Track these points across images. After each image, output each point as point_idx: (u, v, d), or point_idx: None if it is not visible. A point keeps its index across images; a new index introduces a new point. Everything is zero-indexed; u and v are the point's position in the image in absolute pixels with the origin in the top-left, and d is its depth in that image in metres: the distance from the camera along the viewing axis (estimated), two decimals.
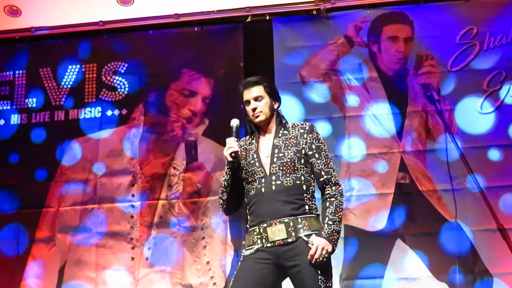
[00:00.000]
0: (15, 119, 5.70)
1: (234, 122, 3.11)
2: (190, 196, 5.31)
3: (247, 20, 5.60)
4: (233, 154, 2.99)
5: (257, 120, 3.11)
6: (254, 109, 3.09)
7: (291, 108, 5.22)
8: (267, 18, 5.58)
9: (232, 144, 3.01)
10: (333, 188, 2.99)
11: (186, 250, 5.21)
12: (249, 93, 3.11)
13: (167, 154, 5.44)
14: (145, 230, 5.28)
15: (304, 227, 2.92)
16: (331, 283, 2.92)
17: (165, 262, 5.21)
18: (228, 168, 3.07)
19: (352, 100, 5.30)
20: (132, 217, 5.33)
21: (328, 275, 2.91)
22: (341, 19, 5.46)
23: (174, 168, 5.39)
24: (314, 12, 5.52)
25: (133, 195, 5.38)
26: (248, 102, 3.12)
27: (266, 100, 3.11)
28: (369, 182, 5.12)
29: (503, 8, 5.27)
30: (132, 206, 5.36)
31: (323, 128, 5.15)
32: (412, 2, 5.42)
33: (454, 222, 4.94)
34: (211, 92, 5.51)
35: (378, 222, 5.03)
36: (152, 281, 5.18)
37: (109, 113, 5.60)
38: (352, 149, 5.19)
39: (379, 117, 5.23)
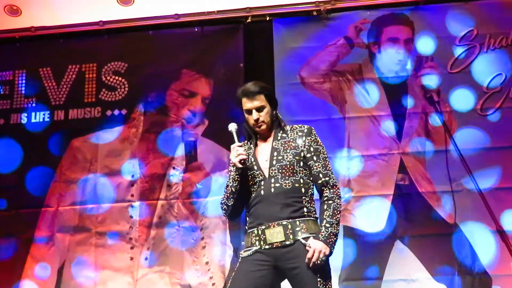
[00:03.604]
0: (14, 118, 5.69)
1: (232, 127, 3.09)
2: (189, 196, 5.31)
3: (247, 21, 5.60)
4: (242, 161, 2.99)
5: (259, 129, 3.10)
6: (256, 120, 3.07)
7: (290, 109, 5.22)
8: (267, 18, 5.58)
9: (239, 150, 3.00)
10: (331, 190, 2.99)
11: (185, 251, 5.20)
12: (251, 103, 3.07)
13: (167, 154, 5.44)
14: (144, 230, 5.28)
15: (302, 230, 2.92)
16: (330, 285, 2.92)
17: (164, 262, 5.20)
18: (236, 175, 3.04)
19: (352, 101, 5.30)
20: (131, 217, 5.33)
21: (327, 277, 2.91)
22: (341, 20, 5.46)
23: (174, 168, 5.39)
24: (314, 13, 5.52)
25: (132, 195, 5.38)
26: (250, 111, 3.09)
27: (267, 109, 3.09)
28: (369, 183, 5.12)
29: (503, 10, 5.27)
30: (132, 206, 5.36)
31: (322, 129, 5.14)
32: (412, 3, 5.42)
33: (453, 224, 4.95)
34: (211, 92, 5.50)
35: (377, 223, 5.03)
36: (151, 281, 5.18)
37: (108, 113, 5.60)
38: (352, 150, 5.19)
39: (379, 119, 5.23)
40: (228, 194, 3.09)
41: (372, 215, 5.05)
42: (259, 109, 3.08)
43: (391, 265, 4.93)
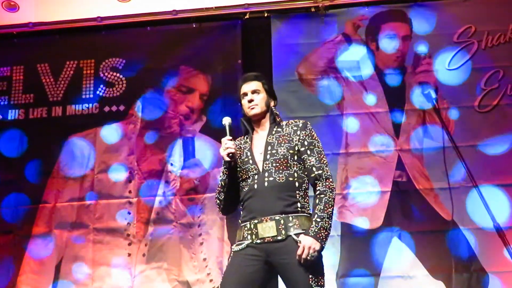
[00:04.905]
0: (12, 114, 5.69)
1: (226, 121, 3.12)
2: (187, 192, 5.31)
3: (246, 17, 5.60)
4: (230, 154, 3.00)
5: (251, 112, 3.12)
6: (250, 101, 3.12)
7: (288, 106, 5.22)
8: (266, 15, 5.58)
9: (228, 144, 3.02)
10: (324, 183, 2.98)
11: (183, 247, 5.21)
12: (248, 86, 3.15)
13: (164, 151, 5.44)
14: (142, 227, 5.28)
15: (295, 226, 2.91)
16: (323, 281, 2.90)
17: (162, 258, 5.20)
18: (225, 168, 3.07)
19: (349, 98, 5.30)
20: (129, 213, 5.33)
21: (319, 273, 2.89)
22: (339, 16, 5.46)
23: (171, 164, 5.39)
24: (313, 10, 5.52)
25: (130, 192, 5.38)
26: (245, 94, 3.15)
27: (263, 95, 3.15)
28: (366, 180, 5.12)
29: (501, 7, 5.28)
30: (129, 202, 5.35)
31: (320, 126, 5.14)
32: (410, 0, 5.42)
33: (451, 221, 4.95)
34: (209, 89, 5.50)
35: (375, 220, 5.03)
36: (149, 277, 5.18)
37: (106, 109, 5.59)
38: (350, 147, 5.20)
39: (377, 115, 5.23)
40: (219, 189, 3.13)
41: (370, 211, 5.06)
42: (254, 92, 3.14)
43: (388, 262, 4.94)
